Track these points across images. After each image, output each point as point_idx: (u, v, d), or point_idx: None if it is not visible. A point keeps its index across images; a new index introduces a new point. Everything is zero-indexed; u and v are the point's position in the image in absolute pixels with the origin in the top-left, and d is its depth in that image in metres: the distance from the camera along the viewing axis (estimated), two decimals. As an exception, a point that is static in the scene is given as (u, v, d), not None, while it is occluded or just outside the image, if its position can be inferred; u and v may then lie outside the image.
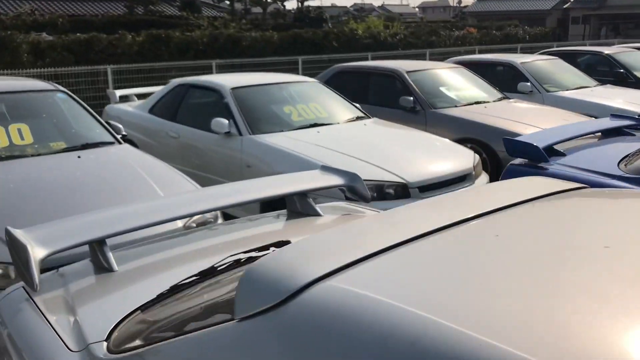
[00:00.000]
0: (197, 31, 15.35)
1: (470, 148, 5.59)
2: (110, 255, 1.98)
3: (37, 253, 1.83)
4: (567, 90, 8.43)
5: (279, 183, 2.61)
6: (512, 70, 8.73)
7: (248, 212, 3.56)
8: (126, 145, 4.47)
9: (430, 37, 20.23)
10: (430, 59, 15.40)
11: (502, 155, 6.07)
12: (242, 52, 15.01)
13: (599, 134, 4.39)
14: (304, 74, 12.08)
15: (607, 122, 4.20)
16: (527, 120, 6.37)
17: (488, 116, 6.46)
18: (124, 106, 7.07)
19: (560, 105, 7.74)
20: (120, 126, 4.83)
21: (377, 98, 7.40)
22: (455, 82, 7.45)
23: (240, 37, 15.15)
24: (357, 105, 6.29)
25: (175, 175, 3.91)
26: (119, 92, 7.35)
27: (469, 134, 6.28)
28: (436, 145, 5.27)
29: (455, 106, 6.89)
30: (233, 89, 5.69)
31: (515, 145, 3.66)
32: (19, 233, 1.91)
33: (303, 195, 2.55)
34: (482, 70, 8.64)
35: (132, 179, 3.68)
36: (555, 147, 3.65)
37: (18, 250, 1.85)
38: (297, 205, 2.58)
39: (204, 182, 5.51)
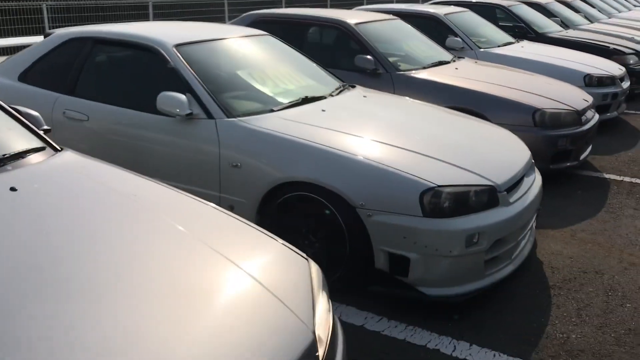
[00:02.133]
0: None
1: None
2: None
3: None
4: (498, 46, 7.66)
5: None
6: (435, 24, 7.71)
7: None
8: (70, 154, 2.53)
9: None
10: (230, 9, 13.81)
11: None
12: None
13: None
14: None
15: None
16: (515, 84, 5.39)
17: (471, 80, 5.35)
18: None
19: (498, 63, 6.94)
20: (37, 114, 2.82)
21: (318, 57, 5.88)
22: (407, 38, 6.21)
23: (63, -26, 12.19)
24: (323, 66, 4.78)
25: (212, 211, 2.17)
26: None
27: (457, 103, 5.13)
28: (478, 126, 4.01)
29: (424, 67, 5.67)
30: (178, 46, 3.83)
31: None
32: None
33: None
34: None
35: (161, 236, 1.89)
36: None
37: None
38: None
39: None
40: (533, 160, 3.84)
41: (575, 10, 13.11)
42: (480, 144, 3.61)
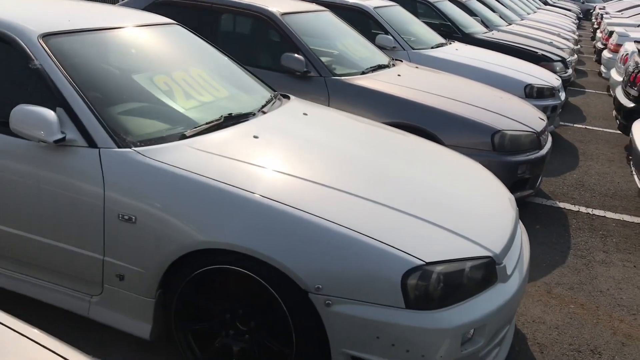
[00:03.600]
0: None
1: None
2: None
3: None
4: (431, 48, 6.93)
5: None
6: (363, 18, 6.85)
7: None
8: None
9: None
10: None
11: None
12: None
13: None
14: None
15: None
16: (467, 98, 4.63)
17: (419, 92, 4.52)
18: None
19: (434, 67, 6.21)
20: None
21: (235, 53, 4.83)
22: (339, 35, 5.29)
23: None
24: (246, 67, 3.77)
25: None
26: None
27: (403, 118, 4.28)
28: (451, 161, 3.16)
29: (362, 72, 4.77)
30: (46, 36, 2.67)
31: None
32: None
33: None
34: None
35: None
36: None
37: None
38: None
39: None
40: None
41: (492, 9, 12.79)
42: (462, 190, 2.76)
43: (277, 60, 4.59)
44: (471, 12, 10.89)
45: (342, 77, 4.56)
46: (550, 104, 6.38)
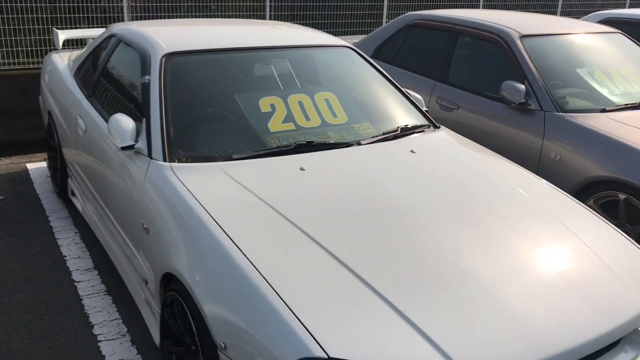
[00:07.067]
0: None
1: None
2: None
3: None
4: None
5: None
6: None
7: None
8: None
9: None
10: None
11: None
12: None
13: None
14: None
15: None
16: None
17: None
18: (60, 59, 4.51)
19: None
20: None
21: (463, 77, 4.37)
22: (606, 63, 4.22)
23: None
24: (413, 95, 3.38)
25: None
26: (63, 34, 4.73)
27: (621, 173, 3.22)
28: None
29: (604, 110, 3.75)
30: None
31: None
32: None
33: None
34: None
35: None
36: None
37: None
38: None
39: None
40: None
41: None
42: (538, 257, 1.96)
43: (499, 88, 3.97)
44: None
45: (568, 114, 3.65)
46: None
